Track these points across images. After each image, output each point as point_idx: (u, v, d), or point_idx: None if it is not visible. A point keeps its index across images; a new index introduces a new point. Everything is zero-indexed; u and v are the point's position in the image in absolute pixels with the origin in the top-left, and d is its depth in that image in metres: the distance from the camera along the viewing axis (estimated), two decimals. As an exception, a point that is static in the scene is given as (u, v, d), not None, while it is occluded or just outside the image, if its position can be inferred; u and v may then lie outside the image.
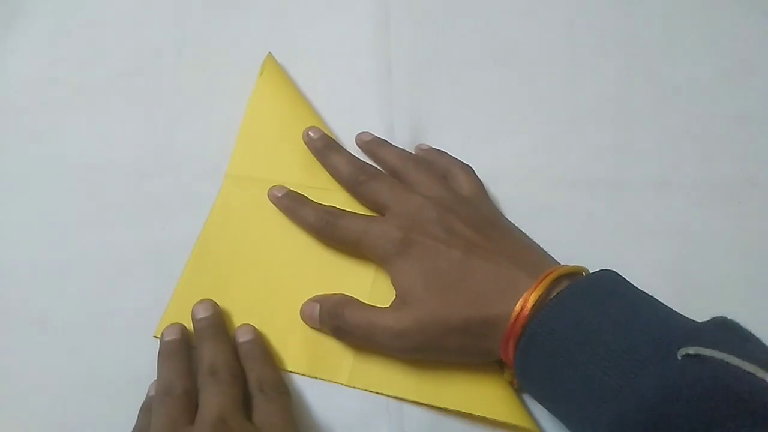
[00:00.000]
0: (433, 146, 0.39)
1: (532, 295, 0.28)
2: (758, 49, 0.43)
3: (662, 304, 0.28)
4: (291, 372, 0.34)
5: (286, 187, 0.37)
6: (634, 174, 0.39)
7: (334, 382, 0.33)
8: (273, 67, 0.42)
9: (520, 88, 0.42)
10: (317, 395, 0.33)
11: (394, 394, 0.33)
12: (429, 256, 0.31)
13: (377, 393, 0.33)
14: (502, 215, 0.36)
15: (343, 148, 0.38)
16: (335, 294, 0.34)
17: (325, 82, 0.42)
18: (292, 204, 0.36)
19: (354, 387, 0.33)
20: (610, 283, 0.28)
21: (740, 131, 0.41)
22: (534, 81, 0.43)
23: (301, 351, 0.34)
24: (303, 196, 0.36)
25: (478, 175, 0.37)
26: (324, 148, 0.37)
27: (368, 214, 0.36)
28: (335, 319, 0.32)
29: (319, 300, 0.34)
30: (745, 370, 0.22)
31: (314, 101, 0.41)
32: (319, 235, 0.35)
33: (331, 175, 0.37)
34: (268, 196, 0.37)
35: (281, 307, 0.35)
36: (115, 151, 0.40)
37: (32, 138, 0.41)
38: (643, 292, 0.29)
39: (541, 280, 0.28)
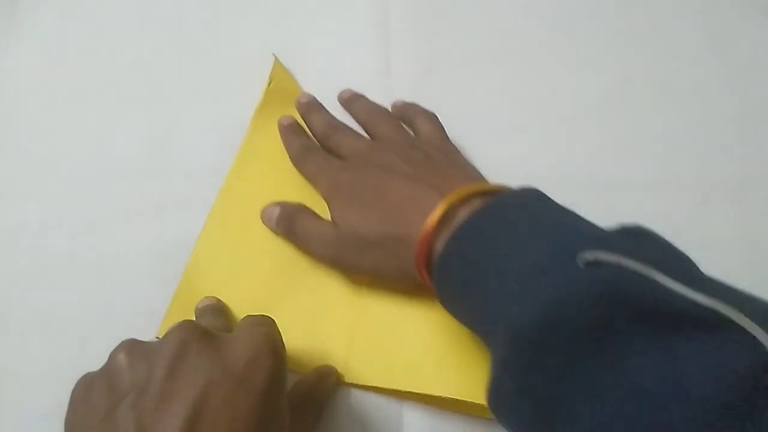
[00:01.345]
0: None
1: (436, 212, 0.28)
2: (758, 49, 0.44)
3: (578, 216, 0.28)
4: (291, 372, 0.34)
5: (294, 120, 0.40)
6: (634, 174, 0.40)
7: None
8: (281, 75, 0.42)
9: (520, 88, 0.42)
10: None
11: (389, 386, 0.33)
12: (356, 179, 0.34)
13: (373, 387, 0.33)
14: (455, 151, 0.37)
15: (325, 109, 0.41)
16: (296, 202, 0.37)
17: (325, 82, 0.42)
18: (288, 132, 0.39)
19: (349, 383, 0.33)
20: (526, 200, 0.28)
21: (740, 131, 0.41)
22: (534, 81, 0.43)
23: (300, 350, 0.34)
24: (302, 129, 0.40)
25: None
26: (307, 105, 0.41)
27: None
28: (288, 221, 0.36)
29: (281, 204, 0.37)
30: (637, 272, 0.21)
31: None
32: (293, 162, 0.38)
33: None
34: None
35: (282, 306, 0.35)
36: (115, 151, 0.40)
37: (32, 138, 0.41)
38: (562, 206, 0.28)
39: (450, 197, 0.29)
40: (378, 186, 0.32)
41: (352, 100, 0.41)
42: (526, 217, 0.27)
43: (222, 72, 0.43)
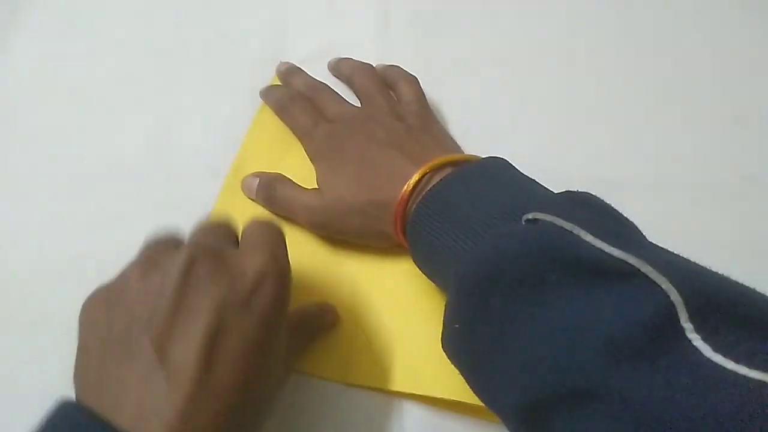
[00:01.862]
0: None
1: (412, 179, 0.31)
2: (758, 49, 0.44)
3: (536, 183, 0.31)
4: (293, 371, 0.34)
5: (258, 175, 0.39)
6: (634, 174, 0.39)
7: (334, 380, 0.33)
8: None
9: (520, 88, 0.42)
10: (317, 396, 0.33)
11: (389, 388, 0.33)
12: (342, 146, 0.36)
13: (375, 389, 0.33)
14: (433, 121, 0.39)
15: (303, 71, 0.42)
16: (275, 172, 0.38)
17: (326, 82, 0.42)
18: (269, 89, 0.41)
19: (352, 385, 0.33)
20: (489, 167, 0.31)
21: (740, 131, 0.41)
22: (534, 81, 0.43)
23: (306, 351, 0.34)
24: (281, 86, 0.41)
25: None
26: (287, 70, 0.42)
27: None
28: (268, 190, 0.37)
29: (259, 175, 0.38)
30: (566, 229, 0.24)
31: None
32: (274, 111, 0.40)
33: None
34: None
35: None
36: (115, 151, 0.40)
37: (32, 138, 0.41)
38: (524, 175, 0.31)
39: (424, 167, 0.32)
40: (362, 155, 0.35)
41: (339, 61, 0.43)
42: (486, 181, 0.30)
43: (222, 72, 0.43)
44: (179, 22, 0.45)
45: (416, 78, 0.40)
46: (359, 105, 0.39)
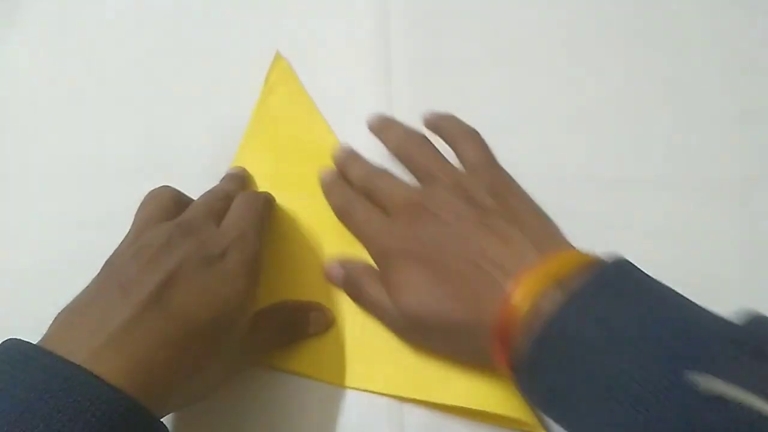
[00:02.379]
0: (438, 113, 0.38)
1: (512, 299, 0.25)
2: (762, 48, 0.43)
3: (680, 300, 0.25)
4: (292, 373, 0.34)
5: (335, 173, 0.38)
6: (636, 173, 0.39)
7: (334, 383, 0.33)
8: (281, 69, 0.42)
9: (521, 88, 0.42)
10: (317, 396, 0.33)
11: (393, 393, 0.33)
12: (406, 245, 0.31)
13: (376, 393, 0.33)
14: (510, 190, 0.34)
15: (363, 158, 0.38)
16: (358, 261, 0.35)
17: (325, 82, 0.42)
18: (330, 186, 0.37)
19: (353, 388, 0.33)
20: (617, 283, 0.25)
21: (744, 130, 0.40)
22: (535, 80, 0.42)
23: (301, 352, 0.34)
24: (344, 183, 0.37)
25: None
26: (344, 157, 0.38)
27: None
28: (355, 289, 0.34)
29: (345, 264, 0.35)
30: (764, 416, 0.19)
31: (313, 101, 0.41)
32: (338, 217, 0.37)
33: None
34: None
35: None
36: (115, 151, 0.40)
37: (31, 138, 0.41)
38: (659, 286, 0.26)
39: (524, 281, 0.26)
40: (431, 255, 0.30)
41: (383, 128, 0.38)
42: (619, 307, 0.24)
43: (222, 72, 0.43)
44: (178, 22, 0.45)
45: (477, 132, 0.36)
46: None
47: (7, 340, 0.25)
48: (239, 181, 0.37)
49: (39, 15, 0.45)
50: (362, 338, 0.34)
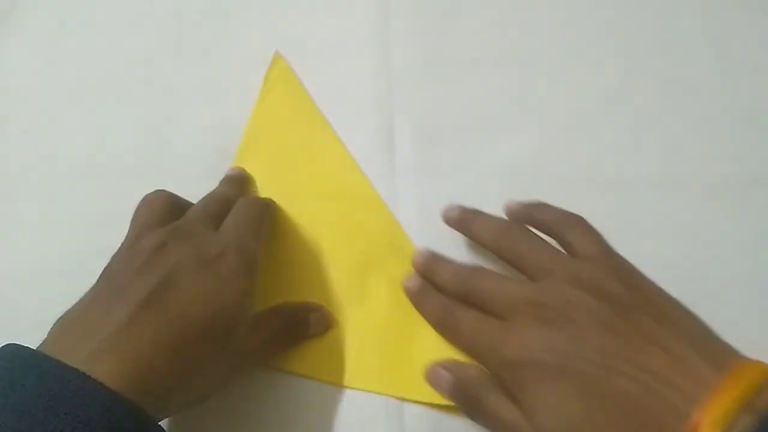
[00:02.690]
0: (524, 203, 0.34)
1: (714, 413, 0.22)
2: (760, 48, 0.43)
3: None
4: (292, 373, 0.34)
5: (420, 280, 0.34)
6: (636, 173, 0.39)
7: (334, 383, 0.33)
8: (280, 69, 0.42)
9: (521, 88, 0.42)
10: (317, 396, 0.33)
11: (395, 394, 0.33)
12: (538, 362, 0.26)
13: (378, 393, 0.33)
14: (640, 282, 0.29)
15: (444, 260, 0.34)
16: (469, 366, 0.30)
17: (325, 82, 0.42)
18: (420, 296, 0.33)
19: (354, 388, 0.33)
20: None
21: (744, 130, 0.40)
22: (534, 80, 0.42)
23: (301, 353, 0.34)
24: (432, 288, 0.33)
25: (481, 177, 0.37)
26: (426, 261, 0.34)
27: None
28: (472, 400, 0.29)
29: (451, 369, 0.30)
30: None
31: (313, 100, 0.41)
32: (437, 330, 0.32)
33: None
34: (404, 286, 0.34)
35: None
36: (114, 151, 0.40)
37: (31, 138, 0.41)
38: None
39: (709, 411, 0.22)
40: (575, 367, 0.25)
41: (467, 219, 0.34)
42: None
43: (222, 72, 0.43)
44: (178, 22, 0.45)
45: (582, 217, 0.32)
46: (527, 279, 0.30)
47: (5, 346, 0.25)
48: (239, 183, 0.37)
49: (38, 15, 0.45)
50: (362, 339, 0.34)
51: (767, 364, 0.24)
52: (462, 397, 0.30)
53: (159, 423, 0.25)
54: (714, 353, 0.25)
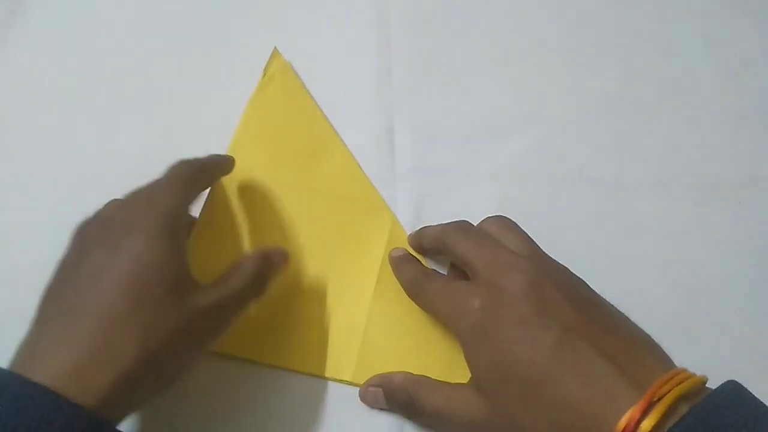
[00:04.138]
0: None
1: (643, 424, 0.22)
2: (759, 48, 0.43)
3: None
4: (295, 371, 0.34)
5: (405, 251, 0.35)
6: (635, 174, 0.39)
7: (338, 380, 0.33)
8: (278, 63, 0.42)
9: (520, 88, 0.42)
10: (316, 396, 0.33)
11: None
12: (511, 339, 0.26)
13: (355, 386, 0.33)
14: (572, 281, 0.30)
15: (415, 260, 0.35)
16: (393, 375, 0.32)
17: (325, 82, 0.42)
18: (399, 262, 0.35)
19: (345, 382, 0.33)
20: (739, 412, 0.23)
21: (741, 130, 0.41)
22: (534, 81, 0.43)
23: (304, 350, 0.34)
24: (414, 258, 0.35)
25: (481, 177, 0.37)
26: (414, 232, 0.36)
27: None
28: (408, 405, 0.31)
29: (379, 383, 0.32)
30: None
31: (310, 93, 0.41)
32: (408, 293, 0.34)
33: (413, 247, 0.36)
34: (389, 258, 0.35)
35: (282, 306, 0.35)
36: (115, 152, 0.40)
37: (31, 138, 0.41)
38: None
39: (650, 401, 0.23)
40: (545, 359, 0.25)
41: (418, 234, 0.35)
42: None
43: (222, 73, 0.43)
44: (179, 23, 0.45)
45: (510, 219, 0.33)
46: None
47: None
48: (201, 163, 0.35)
49: (39, 15, 0.45)
50: (373, 338, 0.34)
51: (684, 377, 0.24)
52: (397, 404, 0.31)
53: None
54: (639, 368, 0.25)
